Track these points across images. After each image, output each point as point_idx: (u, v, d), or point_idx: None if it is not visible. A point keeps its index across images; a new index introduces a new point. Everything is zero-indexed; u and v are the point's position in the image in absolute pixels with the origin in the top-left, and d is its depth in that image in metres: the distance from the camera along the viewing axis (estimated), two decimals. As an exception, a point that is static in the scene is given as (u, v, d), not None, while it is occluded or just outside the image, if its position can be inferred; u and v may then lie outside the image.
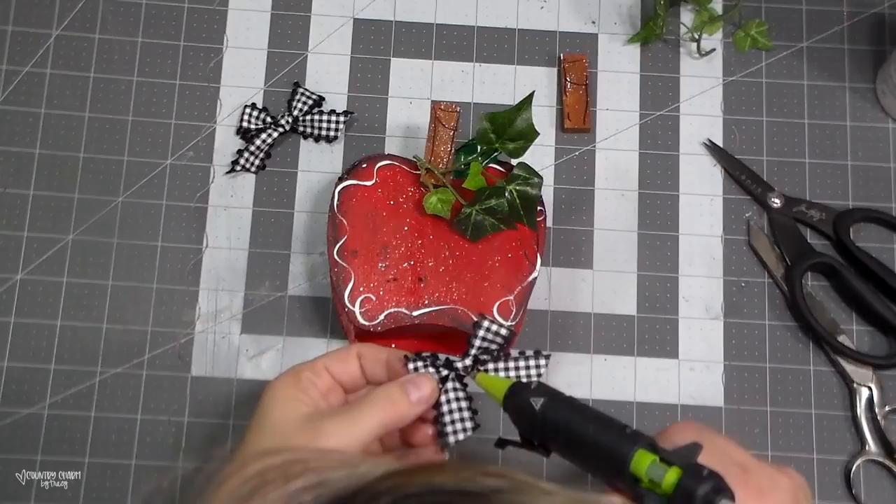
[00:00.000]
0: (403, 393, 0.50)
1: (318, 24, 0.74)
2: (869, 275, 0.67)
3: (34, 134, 0.71)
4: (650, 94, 0.72)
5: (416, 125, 0.71)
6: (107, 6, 0.73)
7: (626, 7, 0.74)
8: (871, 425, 0.65)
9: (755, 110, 0.72)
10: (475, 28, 0.74)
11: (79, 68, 0.72)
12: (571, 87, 0.72)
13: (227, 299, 0.68)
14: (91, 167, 0.70)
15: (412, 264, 0.61)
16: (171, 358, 0.67)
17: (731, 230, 0.70)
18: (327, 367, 0.52)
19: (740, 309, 0.68)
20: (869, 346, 0.68)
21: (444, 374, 0.52)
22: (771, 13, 0.74)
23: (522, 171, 0.62)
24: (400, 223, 0.62)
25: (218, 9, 0.74)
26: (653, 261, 0.69)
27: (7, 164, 0.70)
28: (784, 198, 0.70)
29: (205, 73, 0.72)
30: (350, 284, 0.60)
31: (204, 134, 0.71)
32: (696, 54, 0.73)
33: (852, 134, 0.72)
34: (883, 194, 0.71)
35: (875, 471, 0.65)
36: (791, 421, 0.66)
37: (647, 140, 0.72)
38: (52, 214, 0.69)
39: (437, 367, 0.51)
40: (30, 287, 0.68)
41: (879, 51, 0.74)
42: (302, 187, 0.70)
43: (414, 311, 0.60)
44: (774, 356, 0.67)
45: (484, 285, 0.61)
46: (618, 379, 0.67)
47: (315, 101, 0.71)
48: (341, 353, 0.52)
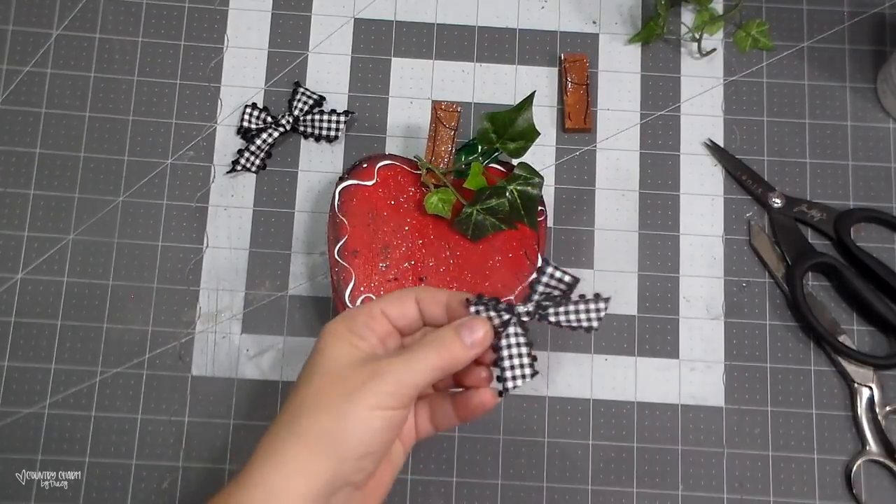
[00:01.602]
0: (457, 336, 0.48)
1: (319, 23, 0.74)
2: (869, 275, 0.67)
3: (34, 134, 0.71)
4: (651, 94, 0.72)
5: (417, 125, 0.71)
6: (107, 6, 0.73)
7: (627, 7, 0.74)
8: (872, 425, 0.65)
9: (756, 110, 0.72)
10: (476, 28, 0.74)
11: (79, 68, 0.72)
12: (572, 87, 0.72)
13: (228, 299, 0.68)
14: (91, 167, 0.70)
15: (413, 264, 0.61)
16: (172, 358, 0.67)
17: (731, 230, 0.70)
18: (384, 310, 0.50)
19: (741, 309, 0.68)
20: (869, 346, 0.68)
21: (505, 319, 0.51)
22: (771, 13, 0.74)
23: (523, 171, 0.62)
24: (401, 223, 0.62)
25: (218, 8, 0.74)
26: (653, 261, 0.69)
27: (7, 164, 0.70)
28: (785, 198, 0.70)
29: (205, 72, 0.72)
30: (351, 284, 0.60)
31: (204, 134, 0.71)
32: (697, 54, 0.73)
33: (853, 134, 0.72)
34: (883, 194, 0.71)
35: (875, 471, 0.65)
36: (791, 421, 0.66)
37: (647, 140, 0.72)
38: (52, 214, 0.69)
39: (498, 311, 0.50)
40: (30, 287, 0.68)
41: (880, 51, 0.74)
42: (302, 187, 0.70)
43: (414, 311, 0.60)
44: (775, 356, 0.67)
45: (485, 285, 0.61)
46: (618, 379, 0.67)
47: (315, 100, 0.71)
48: (399, 297, 0.50)
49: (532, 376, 0.50)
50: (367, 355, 0.48)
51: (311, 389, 0.47)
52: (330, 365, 0.47)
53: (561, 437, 0.66)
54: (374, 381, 0.46)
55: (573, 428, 0.66)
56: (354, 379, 0.46)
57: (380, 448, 0.46)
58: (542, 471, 0.65)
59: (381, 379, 0.46)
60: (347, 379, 0.46)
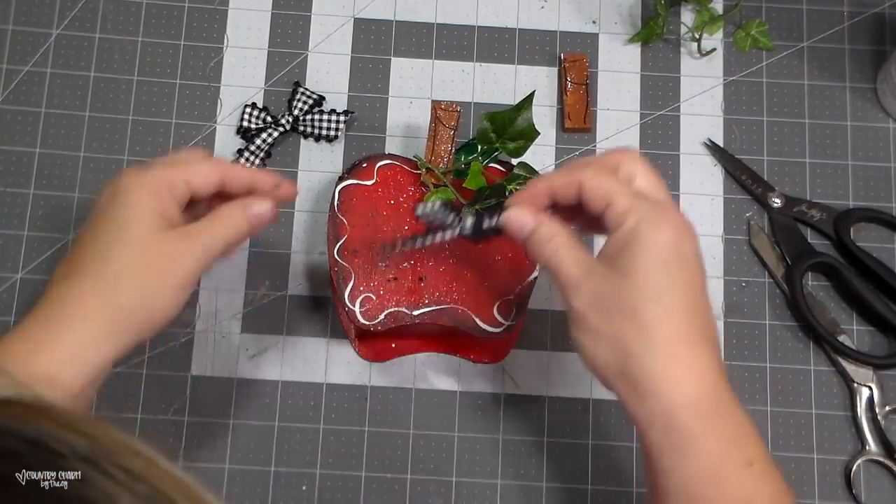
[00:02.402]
0: (244, 212, 0.52)
1: (319, 23, 0.74)
2: (869, 275, 0.67)
3: (34, 134, 0.71)
4: (650, 94, 0.72)
5: (417, 125, 0.71)
6: (107, 6, 0.73)
7: (627, 7, 0.74)
8: (872, 425, 0.65)
9: (755, 110, 0.72)
10: (475, 28, 0.74)
11: (79, 68, 0.72)
12: (572, 87, 0.72)
13: (227, 298, 0.68)
14: (91, 167, 0.70)
15: (412, 264, 0.61)
16: (171, 357, 0.67)
17: (731, 230, 0.70)
18: (189, 181, 0.51)
19: (741, 309, 0.68)
20: (869, 346, 0.68)
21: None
22: (771, 13, 0.74)
23: (523, 171, 0.62)
24: (400, 223, 0.62)
25: (218, 8, 0.74)
26: (653, 261, 0.69)
27: (7, 163, 0.70)
28: (784, 197, 0.70)
29: (205, 72, 0.72)
30: (350, 284, 0.60)
31: (204, 133, 0.71)
32: (697, 54, 0.73)
33: (853, 134, 0.72)
34: (883, 194, 0.71)
35: (875, 471, 0.65)
36: (791, 421, 0.66)
37: (647, 140, 0.72)
38: (52, 214, 0.69)
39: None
40: (30, 287, 0.68)
41: (880, 51, 0.74)
42: (302, 187, 0.70)
43: (414, 311, 0.60)
44: (775, 356, 0.67)
45: (484, 285, 0.61)
46: (618, 379, 0.67)
47: (315, 100, 0.71)
48: (206, 171, 0.52)
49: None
50: (167, 224, 0.49)
51: (113, 255, 0.48)
52: (134, 231, 0.48)
53: (561, 437, 0.66)
54: (185, 257, 0.49)
55: (573, 428, 0.66)
56: (164, 253, 0.48)
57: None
58: (541, 470, 0.65)
59: (191, 256, 0.49)
60: (156, 254, 0.48)
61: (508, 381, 0.67)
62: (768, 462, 0.46)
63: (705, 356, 0.46)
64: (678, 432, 0.45)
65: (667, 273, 0.46)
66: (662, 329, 0.45)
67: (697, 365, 0.46)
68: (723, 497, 0.44)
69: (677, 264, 0.46)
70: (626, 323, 0.46)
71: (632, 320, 0.46)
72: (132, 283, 0.48)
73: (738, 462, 0.45)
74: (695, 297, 0.47)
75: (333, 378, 0.67)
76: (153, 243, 0.48)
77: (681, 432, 0.45)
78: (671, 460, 0.45)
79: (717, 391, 0.46)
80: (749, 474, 0.45)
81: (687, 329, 0.46)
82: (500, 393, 0.67)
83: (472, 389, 0.67)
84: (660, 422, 0.45)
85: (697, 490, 0.45)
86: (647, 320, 0.46)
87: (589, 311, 0.47)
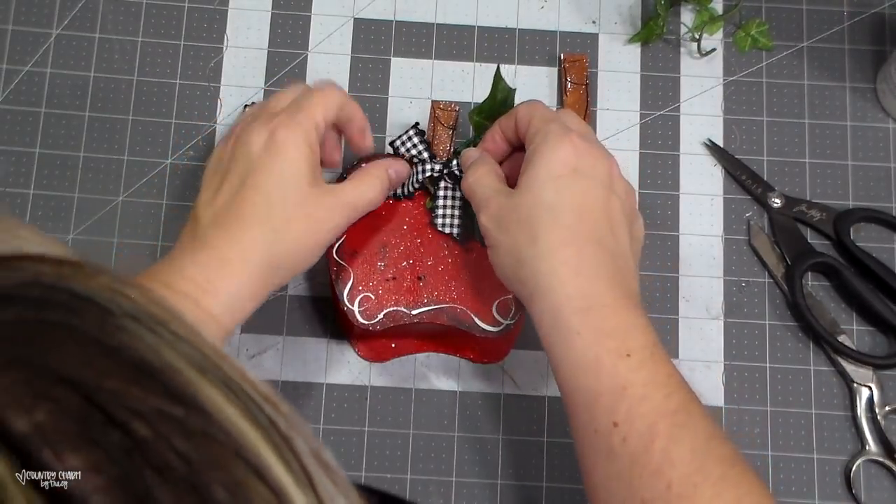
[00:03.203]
0: (386, 175, 0.58)
1: (319, 23, 0.74)
2: (869, 275, 0.67)
3: (34, 133, 0.71)
4: (650, 94, 0.72)
5: (416, 125, 0.71)
6: (107, 6, 0.73)
7: (627, 7, 0.74)
8: (872, 425, 0.65)
9: (755, 110, 0.72)
10: (475, 28, 0.74)
11: (79, 68, 0.72)
12: (572, 87, 0.72)
13: (227, 299, 0.68)
14: (91, 167, 0.70)
15: (411, 263, 0.61)
16: (171, 357, 0.67)
17: (731, 230, 0.70)
18: (324, 122, 0.55)
19: (740, 309, 0.68)
20: (869, 346, 0.68)
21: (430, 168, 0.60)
22: (771, 13, 0.74)
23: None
24: (399, 222, 0.62)
25: (218, 8, 0.74)
26: (653, 260, 0.69)
27: (7, 163, 0.70)
28: (784, 198, 0.70)
29: (205, 72, 0.72)
30: (349, 283, 0.60)
31: (204, 133, 0.71)
32: (697, 54, 0.73)
33: (852, 134, 0.72)
34: (883, 194, 0.71)
35: (875, 471, 0.65)
36: (791, 421, 0.66)
37: (647, 140, 0.72)
38: (51, 214, 0.69)
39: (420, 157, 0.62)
40: (30, 286, 0.68)
41: (880, 51, 0.73)
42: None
43: (413, 310, 0.60)
44: (774, 356, 0.67)
45: (483, 284, 0.61)
46: (618, 379, 0.67)
47: (315, 100, 0.71)
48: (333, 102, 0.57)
49: (457, 235, 0.60)
50: (315, 176, 0.54)
51: (277, 208, 0.52)
52: (293, 185, 0.52)
53: (561, 437, 0.66)
54: (335, 214, 0.54)
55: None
56: (319, 209, 0.53)
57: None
58: (541, 470, 0.65)
59: (341, 213, 0.54)
60: (312, 208, 0.53)
61: (508, 381, 0.67)
62: (650, 353, 0.49)
63: (589, 259, 0.50)
64: (560, 328, 0.49)
65: (556, 186, 0.51)
66: (549, 235, 0.50)
67: (581, 266, 0.50)
68: (599, 385, 0.48)
69: (570, 179, 0.51)
70: (520, 233, 0.51)
71: (526, 230, 0.51)
72: (290, 237, 0.52)
73: (614, 353, 0.48)
74: (587, 208, 0.51)
75: (333, 378, 0.67)
76: (310, 198, 0.53)
77: (562, 328, 0.49)
78: (558, 354, 0.50)
79: (595, 289, 0.50)
80: (625, 364, 0.48)
81: (573, 235, 0.50)
82: (500, 393, 0.67)
83: (472, 389, 0.67)
84: (547, 320, 0.50)
85: (579, 380, 0.49)
86: (537, 228, 0.51)
87: (493, 225, 0.53)
